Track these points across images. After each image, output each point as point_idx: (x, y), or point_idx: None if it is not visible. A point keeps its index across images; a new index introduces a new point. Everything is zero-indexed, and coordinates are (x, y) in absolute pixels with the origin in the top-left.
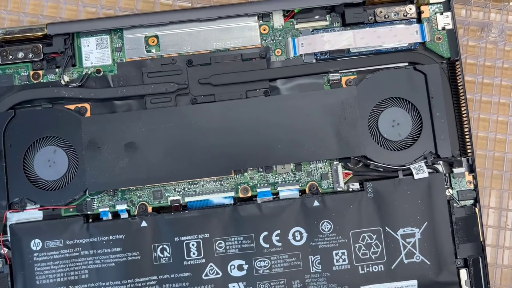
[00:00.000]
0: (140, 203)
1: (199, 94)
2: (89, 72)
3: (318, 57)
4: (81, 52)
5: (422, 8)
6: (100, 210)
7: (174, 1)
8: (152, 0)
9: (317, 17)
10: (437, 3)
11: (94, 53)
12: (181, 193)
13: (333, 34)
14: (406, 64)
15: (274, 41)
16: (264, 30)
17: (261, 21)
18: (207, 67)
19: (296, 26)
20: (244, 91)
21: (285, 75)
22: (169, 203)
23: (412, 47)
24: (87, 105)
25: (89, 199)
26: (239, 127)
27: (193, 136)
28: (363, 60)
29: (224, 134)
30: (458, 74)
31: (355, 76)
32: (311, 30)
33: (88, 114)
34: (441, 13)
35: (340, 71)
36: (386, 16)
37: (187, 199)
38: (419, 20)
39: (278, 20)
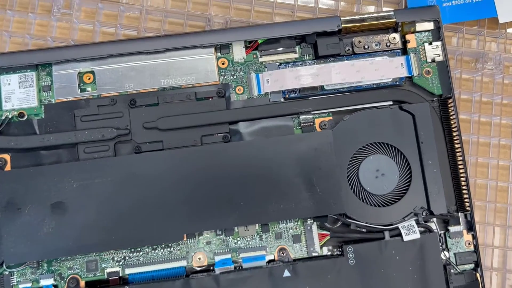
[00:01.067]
0: (71, 276)
1: (143, 141)
2: (10, 116)
3: (287, 96)
4: (0, 92)
5: (408, 37)
6: (21, 286)
7: (117, 29)
8: (91, 29)
9: (284, 48)
10: (425, 31)
11: (17, 93)
12: (121, 263)
13: (304, 69)
14: (391, 103)
15: (235, 77)
16: (223, 64)
17: (219, 54)
18: (153, 108)
19: (261, 59)
20: (199, 137)
21: (248, 117)
22: (106, 276)
23: (397, 83)
24: (6, 156)
25: (6, 272)
26: (193, 180)
27: (136, 193)
28: (340, 98)
29: (174, 190)
30: (451, 113)
31: (331, 118)
32: (278, 64)
33: (7, 167)
34: (430, 43)
35: (313, 112)
36: (366, 47)
37: (128, 271)
38: (404, 51)
39: (239, 52)
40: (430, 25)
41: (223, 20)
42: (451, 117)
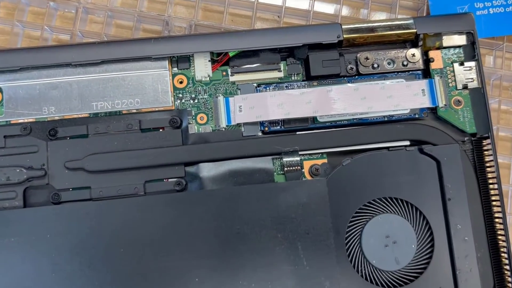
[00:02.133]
0: None
1: (65, 186)
2: None
3: (266, 129)
4: None
5: (432, 54)
6: None
7: (44, 32)
8: (10, 30)
9: (265, 65)
10: (455, 47)
11: None
12: None
13: (290, 93)
14: (407, 143)
15: (196, 100)
16: (181, 82)
17: (175, 69)
18: (81, 141)
19: (232, 78)
20: (142, 183)
21: (212, 156)
22: None
23: (417, 116)
24: None
25: None
26: (132, 245)
27: (52, 259)
28: (338, 135)
29: (104, 258)
30: (489, 158)
31: (325, 161)
32: (255, 85)
33: None
34: (461, 63)
35: (301, 152)
36: (375, 66)
37: None
38: (427, 73)
39: (202, 68)
40: (461, 39)
41: (186, 24)
42: (488, 163)
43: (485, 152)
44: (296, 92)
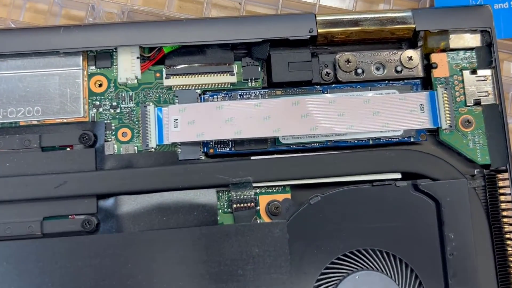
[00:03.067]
0: None
1: None
2: None
3: (211, 151)
4: None
5: (435, 58)
6: None
7: None
8: None
9: (212, 65)
10: (465, 50)
11: None
12: None
13: (245, 104)
14: (398, 176)
15: (117, 110)
16: (99, 85)
17: (92, 67)
18: None
19: (168, 82)
20: (39, 220)
21: (135, 187)
22: None
23: (412, 139)
24: None
25: None
26: None
27: None
28: (306, 162)
29: None
30: (505, 198)
31: (288, 196)
32: (198, 91)
33: None
34: (473, 71)
35: (256, 184)
36: (360, 71)
37: None
38: (427, 82)
39: (128, 67)
40: (474, 40)
41: (117, 10)
42: (505, 204)
43: (501, 190)
44: (252, 104)
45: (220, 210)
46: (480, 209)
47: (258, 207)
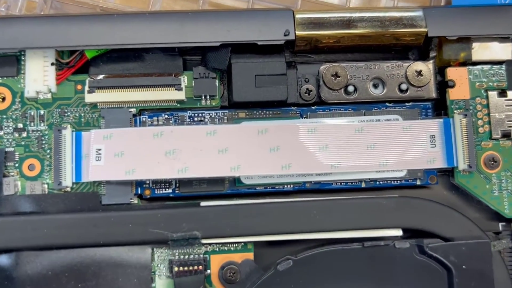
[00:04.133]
0: None
1: None
2: None
3: (147, 193)
4: None
5: (452, 73)
6: None
7: None
8: None
9: (153, 77)
10: (492, 64)
11: None
12: None
13: (194, 132)
14: (398, 232)
15: (25, 135)
16: (2, 100)
17: None
18: None
19: (91, 98)
20: None
21: (42, 242)
22: None
23: (419, 182)
24: None
25: None
26: None
27: None
28: (275, 212)
29: None
30: None
31: (250, 256)
32: (132, 111)
33: None
34: (502, 92)
35: (206, 240)
36: (351, 89)
37: None
38: (441, 105)
39: (39, 76)
40: (505, 50)
41: None
42: None
43: None
44: (204, 131)
45: (157, 275)
46: (508, 281)
47: (208, 271)
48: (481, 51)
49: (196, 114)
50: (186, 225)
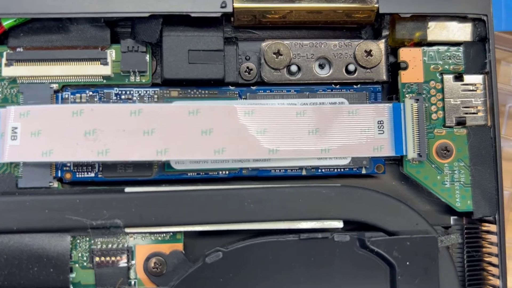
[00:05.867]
0: None
1: None
2: None
3: (67, 176)
4: None
5: (405, 54)
6: None
7: None
8: None
9: (75, 48)
10: (449, 45)
11: None
12: None
13: (119, 111)
14: (339, 224)
15: None
16: None
17: None
18: None
19: (8, 71)
20: None
21: None
22: None
23: (364, 171)
24: None
25: None
26: None
27: None
28: (207, 199)
29: None
30: (488, 259)
31: (180, 247)
32: (53, 87)
33: None
34: (458, 76)
35: (130, 229)
36: (295, 69)
37: None
38: (392, 89)
39: None
40: (463, 31)
41: None
42: (488, 270)
43: (486, 249)
44: (128, 109)
45: (78, 265)
46: (455, 279)
47: (132, 262)
48: (437, 31)
49: (124, 92)
50: (107, 213)
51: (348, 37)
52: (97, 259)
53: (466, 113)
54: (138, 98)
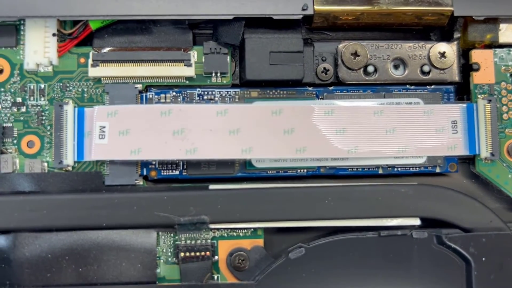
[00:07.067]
0: None
1: None
2: None
3: (153, 174)
4: None
5: (477, 56)
6: None
7: None
8: None
9: (161, 51)
10: None
11: None
12: None
13: (204, 111)
14: (416, 222)
15: (24, 109)
16: None
17: None
18: None
19: (95, 72)
20: None
21: (41, 223)
22: None
23: (438, 170)
24: None
25: None
26: None
27: None
28: (288, 197)
29: None
30: None
31: (260, 243)
32: (138, 87)
33: None
34: None
35: (214, 225)
36: (371, 70)
37: None
38: (464, 90)
39: (40, 47)
40: None
41: None
42: None
43: None
44: (215, 110)
45: (162, 260)
46: None
47: (216, 258)
48: (508, 33)
49: (206, 92)
50: (193, 209)
51: (418, 38)
52: (182, 254)
53: None
54: (220, 98)
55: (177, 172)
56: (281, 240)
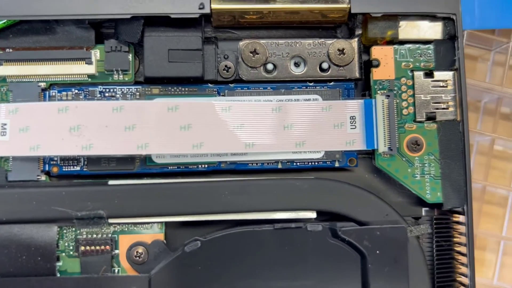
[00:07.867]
0: None
1: None
2: None
3: (54, 170)
4: None
5: (377, 52)
6: None
7: None
8: None
9: (61, 49)
10: (420, 43)
11: None
12: None
13: (97, 107)
14: (312, 215)
15: None
16: None
17: None
18: None
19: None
20: None
21: None
22: None
23: (337, 164)
24: None
25: None
26: None
27: None
28: (186, 191)
29: None
30: (458, 249)
31: (161, 237)
32: (41, 85)
33: None
34: (429, 73)
35: (113, 220)
36: (271, 68)
37: None
38: (365, 86)
39: None
40: (433, 30)
41: None
42: (458, 259)
43: (456, 239)
44: (110, 106)
45: (64, 254)
46: (423, 269)
47: (116, 251)
48: (408, 29)
49: (107, 90)
50: (91, 204)
51: (324, 36)
52: (82, 248)
53: (436, 109)
54: (121, 95)
55: (78, 168)
56: (183, 234)
